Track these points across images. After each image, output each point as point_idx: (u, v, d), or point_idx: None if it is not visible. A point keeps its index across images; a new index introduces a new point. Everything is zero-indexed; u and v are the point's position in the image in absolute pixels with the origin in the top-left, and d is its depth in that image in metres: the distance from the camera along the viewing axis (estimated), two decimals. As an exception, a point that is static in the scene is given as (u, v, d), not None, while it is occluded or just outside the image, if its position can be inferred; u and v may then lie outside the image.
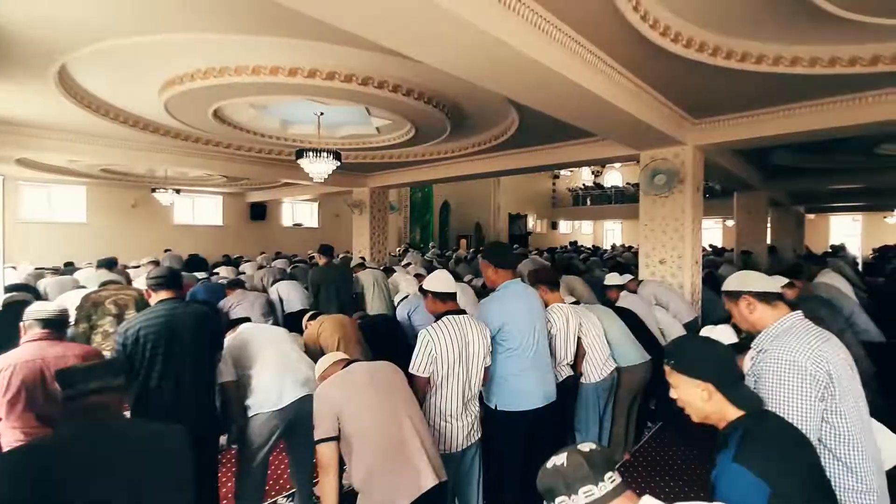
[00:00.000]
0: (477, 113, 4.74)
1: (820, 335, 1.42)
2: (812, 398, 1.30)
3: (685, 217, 4.68)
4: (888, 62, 3.17)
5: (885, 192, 11.31)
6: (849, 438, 1.31)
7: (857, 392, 1.38)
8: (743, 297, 1.55)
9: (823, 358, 1.33)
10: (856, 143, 6.25)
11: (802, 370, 1.32)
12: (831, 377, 1.31)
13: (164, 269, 2.37)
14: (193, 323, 2.19)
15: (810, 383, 1.31)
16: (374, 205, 8.47)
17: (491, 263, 2.33)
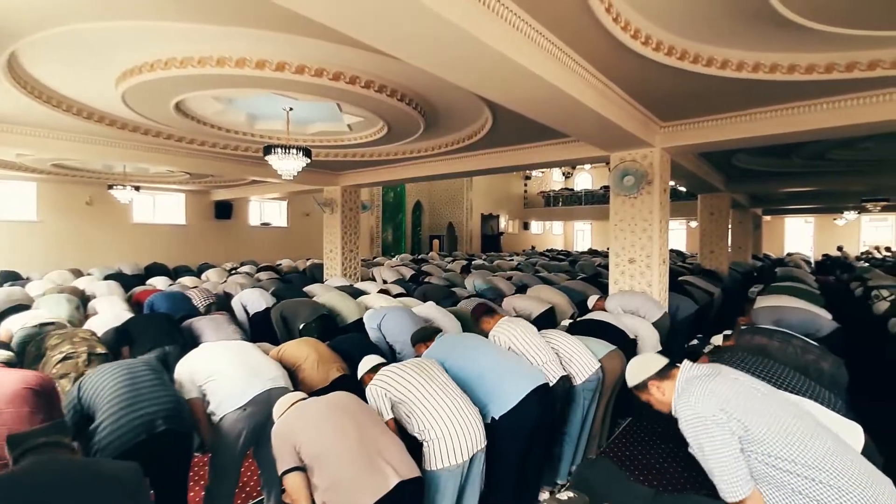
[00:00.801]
0: (450, 112, 4.71)
1: (709, 373, 1.53)
2: (723, 439, 1.37)
3: (653, 217, 4.78)
4: (843, 70, 3.32)
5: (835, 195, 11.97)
6: (788, 454, 1.33)
7: (780, 403, 1.45)
8: (649, 383, 1.64)
9: (713, 397, 1.43)
10: (810, 149, 6.57)
11: (703, 417, 1.41)
12: (728, 413, 1.40)
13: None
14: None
15: (714, 425, 1.39)
16: (346, 204, 8.32)
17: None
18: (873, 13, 2.65)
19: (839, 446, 1.36)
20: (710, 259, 9.32)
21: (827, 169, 8.12)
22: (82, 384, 2.07)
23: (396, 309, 3.63)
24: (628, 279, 4.97)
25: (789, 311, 3.74)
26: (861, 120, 3.81)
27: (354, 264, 8.46)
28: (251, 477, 2.90)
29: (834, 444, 1.36)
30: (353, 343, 3.23)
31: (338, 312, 4.44)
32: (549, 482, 2.71)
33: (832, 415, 1.80)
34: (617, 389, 3.10)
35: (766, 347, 2.78)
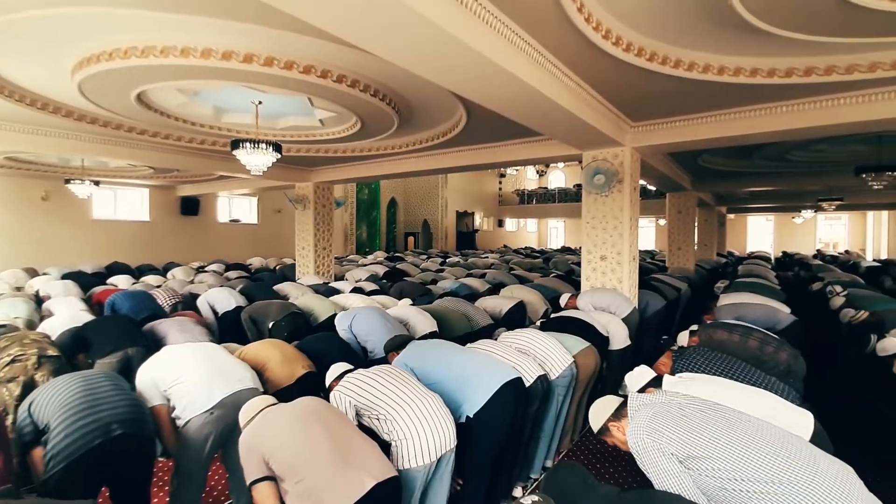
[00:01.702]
0: (425, 108, 4.68)
1: (654, 401, 1.66)
2: (665, 465, 1.49)
3: (623, 215, 4.88)
4: (801, 74, 3.45)
5: (793, 194, 12.52)
6: (737, 472, 1.40)
7: (727, 420, 1.54)
8: (609, 426, 1.72)
9: (655, 425, 1.55)
10: (771, 150, 6.84)
11: (646, 446, 1.53)
12: (668, 440, 1.51)
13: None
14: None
15: (657, 453, 1.50)
16: (319, 200, 8.16)
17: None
18: (828, 21, 2.76)
19: (782, 449, 1.42)
20: (677, 256, 9.60)
21: (786, 170, 8.47)
22: (34, 401, 1.96)
23: (367, 309, 3.58)
24: (600, 276, 5.06)
25: (750, 307, 3.89)
26: (817, 123, 3.97)
27: (328, 262, 8.33)
28: (219, 481, 2.82)
29: (776, 448, 1.42)
30: (324, 342, 3.18)
31: (310, 311, 4.36)
32: (522, 478, 2.73)
33: (784, 405, 1.90)
34: (590, 385, 3.15)
35: (727, 343, 2.91)
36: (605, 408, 1.77)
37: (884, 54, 3.22)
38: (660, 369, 2.47)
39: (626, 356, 3.72)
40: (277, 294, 5.33)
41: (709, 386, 2.03)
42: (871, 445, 3.24)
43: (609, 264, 5.00)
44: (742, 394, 1.96)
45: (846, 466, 1.44)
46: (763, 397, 1.94)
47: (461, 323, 4.06)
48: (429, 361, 2.40)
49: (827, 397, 3.98)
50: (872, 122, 3.85)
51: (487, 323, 4.12)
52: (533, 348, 2.75)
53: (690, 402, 1.66)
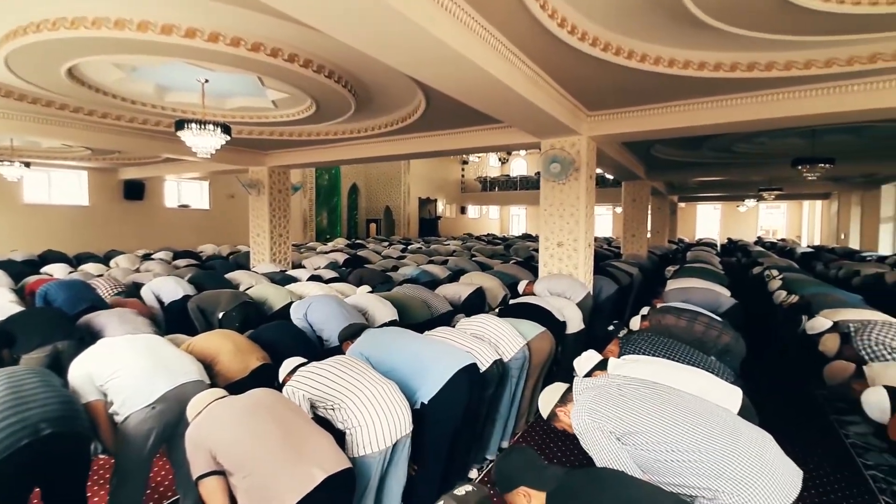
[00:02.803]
0: (383, 93, 4.57)
1: (595, 385, 1.77)
2: (605, 443, 1.60)
3: (580, 203, 4.99)
4: (744, 69, 3.60)
5: (738, 184, 13.24)
6: (671, 455, 1.52)
7: (662, 398, 1.66)
8: (557, 411, 1.80)
9: (595, 407, 1.66)
10: (717, 142, 7.16)
11: (587, 426, 1.64)
12: (609, 420, 1.63)
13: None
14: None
15: (598, 432, 1.62)
16: (274, 185, 7.87)
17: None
18: (770, 19, 2.88)
19: (708, 422, 1.57)
20: (631, 242, 9.96)
21: (731, 161, 8.91)
22: None
23: (323, 297, 3.51)
24: (557, 262, 5.17)
25: (695, 292, 4.10)
26: (757, 116, 4.18)
27: (284, 249, 8.08)
28: (165, 476, 2.71)
29: (703, 421, 1.57)
30: (279, 331, 3.09)
31: (263, 300, 4.23)
32: (478, 460, 2.78)
33: (717, 382, 2.06)
34: (545, 368, 3.23)
35: (674, 327, 3.08)
36: (553, 394, 1.83)
37: (818, 52, 3.41)
38: (608, 354, 2.57)
39: (579, 339, 3.83)
40: (229, 283, 5.14)
41: (649, 367, 2.16)
42: (798, 415, 3.52)
43: (566, 251, 5.11)
44: (679, 373, 2.09)
45: (765, 434, 1.60)
46: (698, 376, 2.07)
47: (421, 310, 4.05)
48: (384, 349, 2.38)
49: (764, 374, 4.29)
50: (806, 116, 4.09)
51: (447, 310, 4.14)
52: (487, 333, 2.79)
53: (629, 383, 1.75)
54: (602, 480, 1.42)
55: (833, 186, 14.20)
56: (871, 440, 3.06)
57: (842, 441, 3.15)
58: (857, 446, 3.06)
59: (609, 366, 2.26)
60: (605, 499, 1.31)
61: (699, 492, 1.46)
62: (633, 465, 1.59)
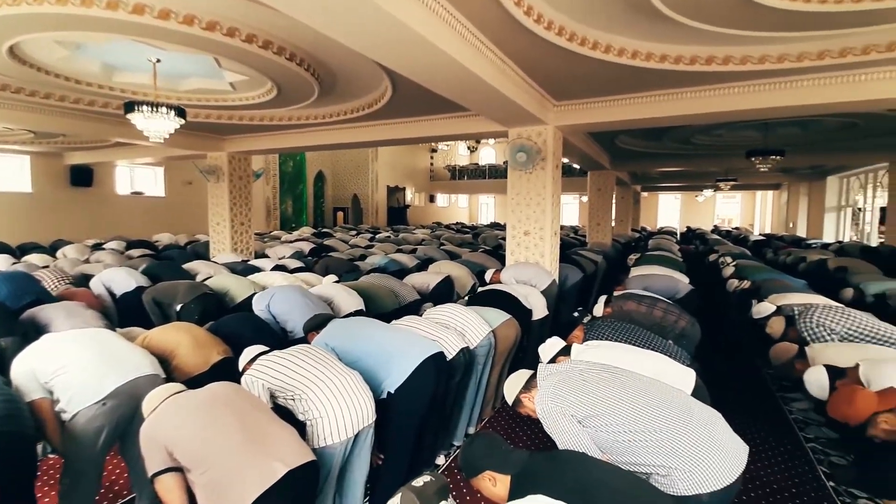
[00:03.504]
0: (347, 77, 4.45)
1: (558, 371, 1.82)
2: (566, 426, 1.66)
3: (546, 192, 5.05)
4: (703, 63, 3.71)
5: (697, 175, 13.75)
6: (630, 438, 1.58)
7: (621, 382, 1.73)
8: (521, 397, 1.83)
9: (558, 393, 1.71)
10: (678, 133, 7.39)
11: (550, 410, 1.70)
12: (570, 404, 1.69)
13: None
14: None
15: (560, 416, 1.67)
16: (234, 172, 7.57)
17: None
18: (728, 14, 2.96)
19: (663, 402, 1.65)
20: (596, 231, 10.20)
21: (691, 152, 9.22)
22: None
23: (287, 288, 3.43)
24: (524, 250, 5.24)
25: (654, 278, 4.25)
26: (714, 109, 4.32)
27: (246, 238, 7.82)
28: (120, 475, 2.60)
29: (658, 402, 1.65)
30: (241, 323, 2.99)
31: (225, 291, 4.09)
32: (445, 446, 2.81)
33: (673, 365, 2.15)
34: (511, 354, 3.29)
35: (635, 312, 3.20)
36: (518, 381, 1.86)
37: (772, 48, 3.54)
38: (572, 340, 2.63)
39: (545, 326, 3.91)
40: (188, 273, 4.94)
41: (611, 351, 2.24)
42: (747, 393, 3.73)
43: (532, 239, 5.18)
44: (638, 357, 2.18)
45: (715, 413, 1.69)
46: (656, 359, 2.16)
47: (389, 299, 4.03)
48: (349, 340, 2.36)
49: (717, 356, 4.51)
50: (760, 109, 4.26)
51: (414, 299, 4.13)
52: (453, 321, 2.80)
53: (590, 368, 1.80)
54: (563, 462, 1.47)
55: (783, 177, 14.96)
56: (811, 415, 3.28)
57: (785, 417, 3.36)
58: (798, 421, 3.27)
59: (572, 351, 2.32)
60: (566, 479, 1.36)
61: (654, 469, 1.53)
62: (594, 446, 1.64)
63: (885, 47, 3.35)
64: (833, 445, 2.90)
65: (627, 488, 1.34)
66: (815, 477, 2.62)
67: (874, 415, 1.77)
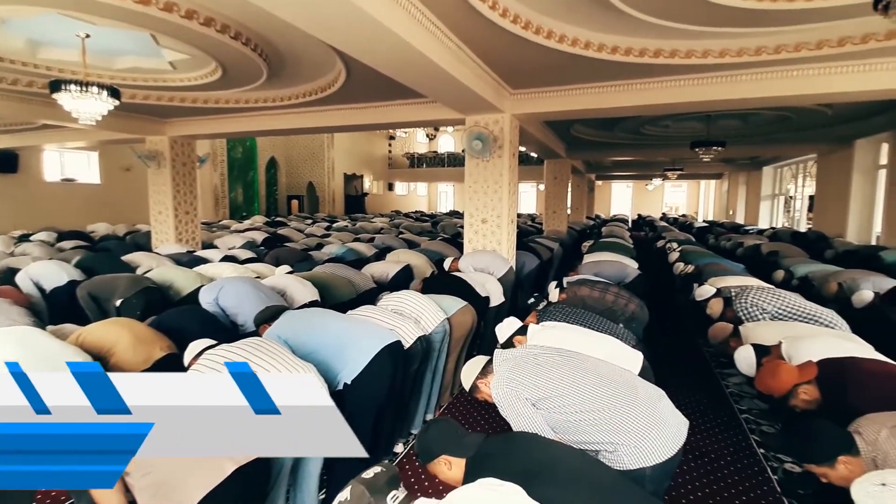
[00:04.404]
0: (298, 60, 4.27)
1: (513, 357, 1.86)
2: (521, 408, 1.71)
3: (503, 180, 5.09)
4: (651, 56, 3.82)
5: (646, 164, 14.32)
6: (579, 416, 1.65)
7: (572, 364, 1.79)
8: (477, 382, 1.86)
9: (512, 377, 1.76)
10: (628, 124, 7.64)
11: (506, 394, 1.74)
12: (524, 387, 1.74)
13: None
14: None
15: (515, 400, 1.72)
16: (177, 157, 7.12)
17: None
18: (674, 8, 3.06)
19: (611, 383, 1.73)
20: (553, 219, 10.43)
21: (641, 142, 9.57)
22: None
23: (237, 279, 3.29)
24: (481, 238, 5.28)
25: (606, 264, 4.42)
26: (662, 100, 4.49)
27: (192, 228, 7.42)
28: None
29: (606, 382, 1.72)
30: (186, 317, 2.85)
31: (169, 284, 3.87)
32: (403, 434, 2.81)
33: (622, 347, 2.25)
34: (468, 341, 3.32)
35: (588, 297, 3.31)
36: (474, 367, 1.89)
37: (713, 43, 3.70)
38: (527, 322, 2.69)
39: (501, 313, 3.97)
40: (128, 266, 4.64)
41: (565, 333, 2.33)
42: (689, 371, 3.96)
43: (489, 227, 5.23)
44: (590, 339, 2.27)
45: (659, 391, 1.79)
46: (606, 341, 2.25)
47: (345, 289, 3.95)
48: (303, 331, 2.30)
49: (663, 337, 4.75)
50: (703, 102, 4.47)
51: (371, 287, 4.08)
52: (407, 309, 2.80)
53: (544, 352, 1.85)
54: (516, 442, 1.52)
55: (724, 167, 15.86)
56: (745, 389, 3.54)
57: (723, 391, 3.61)
58: (734, 394, 3.53)
59: (528, 331, 2.39)
60: (519, 459, 1.41)
61: (602, 446, 1.61)
62: (547, 427, 1.70)
63: (814, 45, 3.59)
64: (763, 416, 3.15)
65: (577, 465, 1.40)
66: (747, 445, 2.83)
67: (794, 386, 1.92)
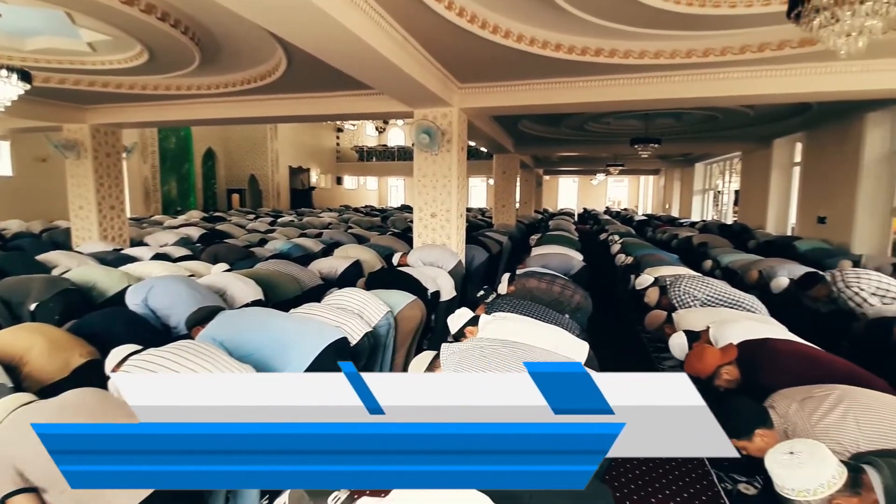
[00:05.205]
0: (235, 45, 4.04)
1: (458, 350, 1.87)
2: None
3: (452, 174, 5.10)
4: (592, 54, 3.95)
5: (591, 160, 14.87)
6: None
7: (513, 355, 1.82)
8: (435, 360, 1.86)
9: (453, 369, 1.77)
10: (573, 120, 7.88)
11: None
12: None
13: None
14: None
15: None
16: (100, 147, 6.53)
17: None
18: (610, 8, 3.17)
19: None
20: (502, 213, 10.60)
21: (585, 138, 9.92)
22: None
23: (168, 279, 3.08)
24: (430, 232, 5.27)
25: (552, 257, 4.55)
26: (603, 98, 4.68)
27: (119, 224, 6.86)
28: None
29: None
30: (109, 319, 2.63)
31: (91, 286, 3.56)
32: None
33: (568, 337, 2.32)
34: (417, 335, 3.31)
35: (536, 289, 3.39)
36: (422, 362, 1.88)
37: (649, 44, 3.88)
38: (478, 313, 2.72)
39: (452, 306, 3.99)
40: (44, 266, 4.23)
41: (513, 324, 2.37)
42: (628, 356, 4.16)
43: (439, 221, 5.22)
44: (538, 330, 2.32)
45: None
46: (553, 332, 2.31)
47: (290, 286, 3.81)
48: (240, 332, 2.19)
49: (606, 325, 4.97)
50: (640, 101, 4.69)
51: (317, 284, 3.96)
52: (351, 304, 2.75)
53: (490, 344, 1.87)
54: None
55: (661, 164, 16.79)
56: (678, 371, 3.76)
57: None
58: (670, 378, 3.74)
59: (480, 321, 2.41)
60: None
61: None
62: None
63: (738, 49, 3.84)
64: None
65: None
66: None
67: (718, 367, 2.06)
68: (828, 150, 7.00)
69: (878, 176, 6.08)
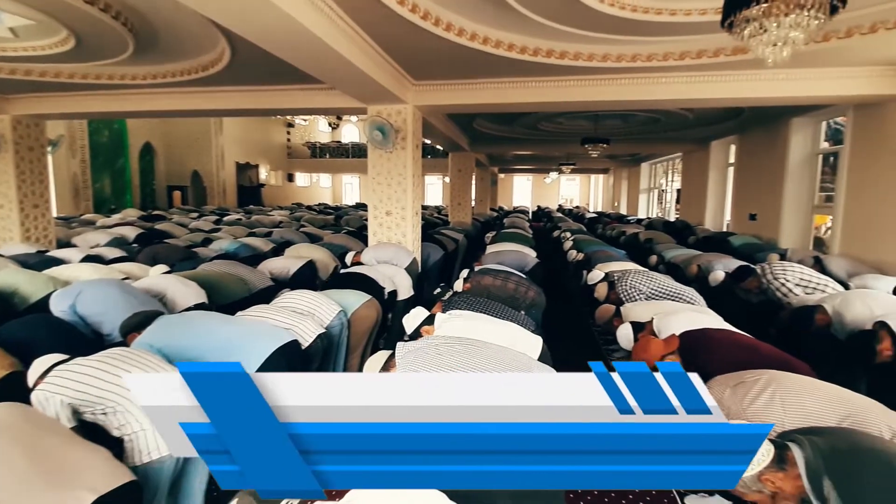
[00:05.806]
0: (172, 32, 3.79)
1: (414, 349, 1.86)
2: None
3: (407, 172, 5.06)
4: (543, 55, 4.03)
5: (544, 158, 15.25)
6: None
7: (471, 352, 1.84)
8: (390, 360, 1.84)
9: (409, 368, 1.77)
10: (526, 119, 8.04)
11: None
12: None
13: None
14: None
15: None
16: (21, 140, 5.98)
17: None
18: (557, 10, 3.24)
19: (508, 367, 1.80)
20: (457, 211, 10.66)
21: (538, 137, 10.14)
22: None
23: (99, 282, 2.86)
24: (386, 231, 5.21)
25: (506, 254, 4.62)
26: (553, 98, 4.79)
27: (44, 224, 6.30)
28: None
29: (505, 368, 1.79)
30: (31, 327, 2.41)
31: (12, 291, 3.25)
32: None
33: (523, 332, 2.36)
34: (373, 335, 3.25)
35: (491, 286, 3.42)
36: (377, 362, 1.85)
37: (596, 48, 4.00)
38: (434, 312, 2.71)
39: (409, 305, 3.96)
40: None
41: (471, 321, 2.38)
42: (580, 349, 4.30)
43: (394, 219, 5.17)
44: (494, 327, 2.34)
45: (552, 371, 1.90)
46: (508, 328, 2.34)
47: (237, 288, 3.64)
48: (181, 338, 2.06)
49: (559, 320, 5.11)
50: (589, 102, 4.84)
51: (267, 285, 3.81)
52: (302, 306, 2.67)
53: (446, 342, 1.87)
54: None
55: (610, 163, 17.47)
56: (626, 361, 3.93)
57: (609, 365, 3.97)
58: (619, 369, 3.89)
59: (436, 320, 2.40)
60: None
61: None
62: None
63: (678, 55, 4.05)
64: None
65: None
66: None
67: (662, 357, 2.17)
68: (758, 152, 7.53)
69: (802, 176, 6.61)
